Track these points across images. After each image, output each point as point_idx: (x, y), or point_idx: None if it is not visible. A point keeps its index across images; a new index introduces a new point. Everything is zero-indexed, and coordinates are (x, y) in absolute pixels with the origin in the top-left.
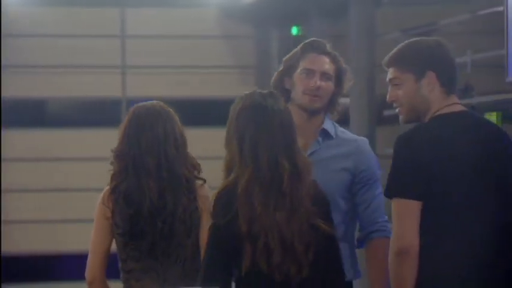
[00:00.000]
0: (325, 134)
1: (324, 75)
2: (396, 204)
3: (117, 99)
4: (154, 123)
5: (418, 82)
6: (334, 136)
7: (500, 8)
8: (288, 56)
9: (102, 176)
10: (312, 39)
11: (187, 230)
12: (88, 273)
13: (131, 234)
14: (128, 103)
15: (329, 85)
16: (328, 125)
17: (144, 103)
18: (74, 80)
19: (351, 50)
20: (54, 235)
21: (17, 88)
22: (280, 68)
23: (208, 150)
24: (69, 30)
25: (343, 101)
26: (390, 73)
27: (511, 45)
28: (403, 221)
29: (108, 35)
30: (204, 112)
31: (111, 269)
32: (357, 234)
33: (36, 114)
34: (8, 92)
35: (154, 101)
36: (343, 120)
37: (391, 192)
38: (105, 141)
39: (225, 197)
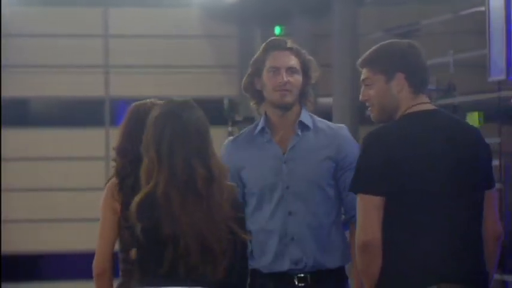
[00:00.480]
0: (303, 126)
1: (290, 70)
2: (361, 199)
3: (100, 99)
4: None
5: (388, 83)
6: (312, 127)
7: (482, 8)
8: (253, 58)
9: (85, 175)
10: (272, 38)
11: None
12: (97, 265)
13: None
14: (111, 103)
15: (296, 78)
16: (305, 116)
17: (142, 101)
18: (57, 80)
19: (334, 49)
20: (36, 235)
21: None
22: (249, 71)
23: None
24: (52, 29)
25: (326, 100)
26: (363, 73)
27: (493, 45)
28: (367, 216)
29: (91, 34)
30: None
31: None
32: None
33: (18, 114)
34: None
35: (152, 99)
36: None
37: (357, 187)
38: (88, 140)
39: (147, 202)
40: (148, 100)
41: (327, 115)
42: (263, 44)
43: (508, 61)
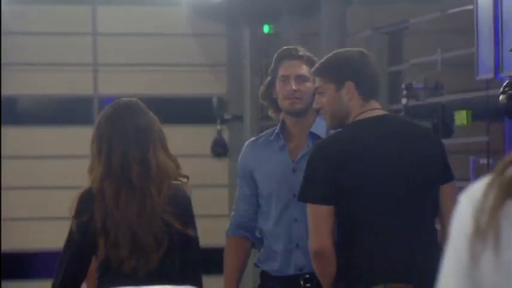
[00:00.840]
0: (314, 136)
1: (300, 78)
2: (310, 208)
3: (89, 97)
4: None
5: (338, 92)
6: (324, 137)
7: (471, 7)
8: (270, 68)
9: (74, 174)
10: (285, 47)
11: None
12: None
13: None
14: (99, 101)
15: (307, 86)
16: (318, 126)
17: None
18: (45, 78)
19: (323, 48)
20: (32, 233)
21: None
22: (266, 81)
23: (178, 147)
24: (40, 27)
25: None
26: (316, 82)
27: (481, 43)
28: (316, 224)
29: (80, 32)
30: (175, 110)
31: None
32: None
33: (7, 112)
34: None
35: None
36: None
37: (305, 197)
38: (78, 138)
39: (85, 197)
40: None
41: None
42: (276, 54)
43: (496, 60)
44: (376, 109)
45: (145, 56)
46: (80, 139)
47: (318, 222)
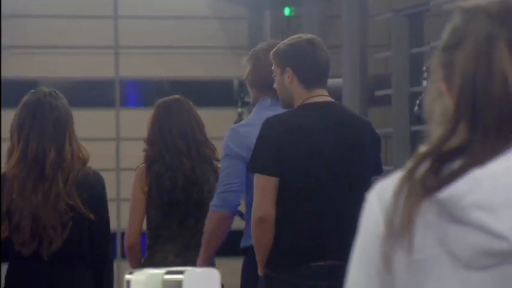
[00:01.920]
0: None
1: None
2: (257, 178)
3: (110, 80)
4: (180, 112)
5: (282, 76)
6: None
7: None
8: None
9: (96, 156)
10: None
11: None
12: (128, 239)
13: (167, 205)
14: (121, 84)
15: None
16: None
17: (166, 98)
18: (67, 61)
19: (343, 30)
20: None
21: (10, 69)
22: None
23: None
24: (62, 10)
25: (335, 81)
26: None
27: None
28: (263, 193)
29: (101, 15)
30: (196, 92)
31: None
32: None
33: None
34: (1, 73)
35: (176, 95)
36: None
37: (253, 167)
38: (98, 121)
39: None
40: (171, 96)
41: (336, 96)
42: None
43: None
44: (320, 95)
45: (166, 38)
46: (101, 122)
47: (264, 191)
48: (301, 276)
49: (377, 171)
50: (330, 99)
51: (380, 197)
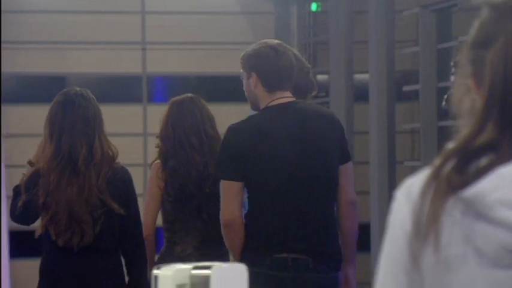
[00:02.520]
0: None
1: None
2: (222, 184)
3: (137, 76)
4: (192, 109)
5: (248, 80)
6: None
7: None
8: None
9: (123, 151)
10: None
11: None
12: (144, 230)
13: (181, 199)
14: (148, 79)
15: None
16: None
17: (179, 96)
18: (94, 57)
19: (370, 25)
20: None
21: (36, 64)
22: None
23: (225, 125)
24: (89, 6)
25: (362, 77)
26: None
27: None
28: (228, 198)
29: (128, 11)
30: (223, 88)
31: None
32: None
33: (57, 91)
34: (26, 68)
35: (188, 94)
36: (363, 97)
37: (217, 174)
38: (125, 117)
39: (33, 176)
40: (184, 95)
41: (363, 92)
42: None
43: None
44: (283, 97)
45: (193, 34)
46: (128, 117)
47: (229, 196)
48: (265, 266)
49: (343, 159)
50: (291, 99)
51: (408, 194)
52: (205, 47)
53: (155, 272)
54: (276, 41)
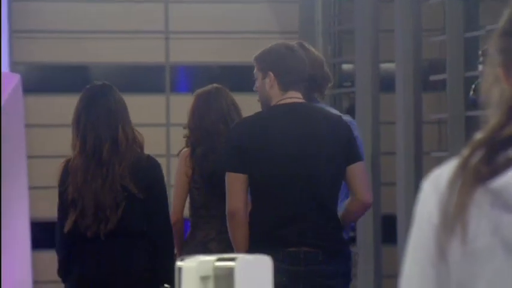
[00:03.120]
0: None
1: None
2: (227, 176)
3: (160, 65)
4: (218, 99)
5: (263, 79)
6: None
7: None
8: None
9: (145, 142)
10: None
11: None
12: (172, 216)
13: (210, 185)
14: (171, 69)
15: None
16: None
17: (204, 88)
18: (116, 46)
19: (397, 14)
20: None
21: (57, 54)
22: None
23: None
24: None
25: (388, 66)
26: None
27: None
28: (232, 189)
29: (151, 0)
30: (247, 78)
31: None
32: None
33: (78, 80)
34: (47, 57)
35: (214, 84)
36: (389, 87)
37: (223, 166)
38: (148, 107)
39: (65, 171)
40: (210, 86)
41: (389, 81)
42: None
43: None
44: (293, 98)
45: (217, 23)
46: (151, 107)
47: (233, 188)
48: (278, 260)
49: (350, 159)
50: (299, 100)
51: (435, 185)
52: (229, 36)
53: (179, 263)
54: (290, 42)
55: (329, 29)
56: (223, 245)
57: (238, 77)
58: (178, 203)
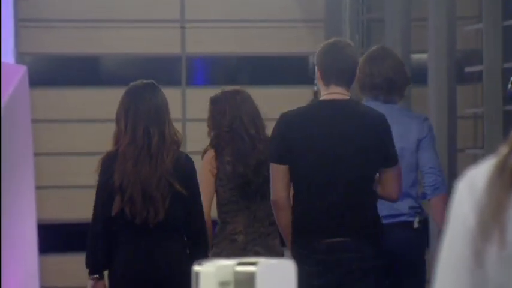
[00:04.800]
0: None
1: None
2: (271, 166)
3: (176, 56)
4: (246, 102)
5: (318, 74)
6: None
7: None
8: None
9: None
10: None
11: None
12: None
13: (240, 184)
14: (187, 60)
15: None
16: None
17: (225, 90)
18: (129, 36)
19: (430, 1)
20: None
21: (67, 44)
22: None
23: (271, 110)
24: None
25: (421, 57)
26: None
27: None
28: (274, 180)
29: None
30: (268, 70)
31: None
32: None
33: (89, 72)
34: (56, 48)
35: (236, 87)
36: (421, 79)
37: (269, 157)
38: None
39: (108, 161)
40: (230, 88)
41: (422, 73)
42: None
43: None
44: (335, 93)
45: (236, 11)
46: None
47: (275, 178)
48: (312, 250)
49: (386, 163)
50: (343, 96)
51: (471, 186)
52: (249, 25)
53: (196, 268)
54: (343, 39)
55: (357, 17)
56: (250, 237)
57: (259, 69)
58: (206, 200)
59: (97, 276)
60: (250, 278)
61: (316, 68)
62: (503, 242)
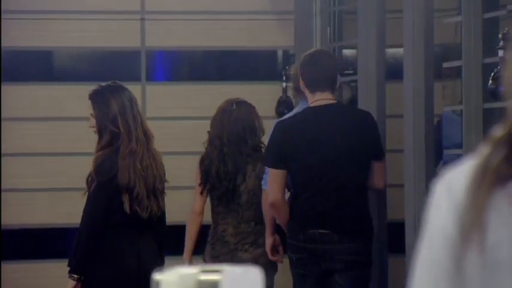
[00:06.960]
0: None
1: None
2: (269, 171)
3: (135, 50)
4: (242, 116)
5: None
6: None
7: None
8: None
9: None
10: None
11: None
12: (195, 207)
13: (224, 192)
14: (147, 55)
15: None
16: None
17: (231, 101)
18: (84, 29)
19: None
20: (59, 205)
21: (17, 37)
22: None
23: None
24: None
25: (396, 51)
26: None
27: None
28: (272, 183)
29: None
30: (234, 65)
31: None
32: None
33: (40, 68)
34: (8, 42)
35: (238, 97)
36: (397, 75)
37: (265, 162)
38: None
39: (108, 161)
40: (228, 99)
41: (397, 69)
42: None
43: None
44: (322, 99)
45: (200, 2)
46: None
47: (273, 181)
48: (298, 240)
49: (376, 157)
50: (328, 101)
51: (448, 188)
52: (214, 17)
53: (156, 277)
54: (323, 49)
55: (328, 8)
56: (239, 237)
57: (225, 64)
58: (198, 198)
59: (80, 277)
60: (214, 287)
61: (300, 78)
62: (484, 247)
